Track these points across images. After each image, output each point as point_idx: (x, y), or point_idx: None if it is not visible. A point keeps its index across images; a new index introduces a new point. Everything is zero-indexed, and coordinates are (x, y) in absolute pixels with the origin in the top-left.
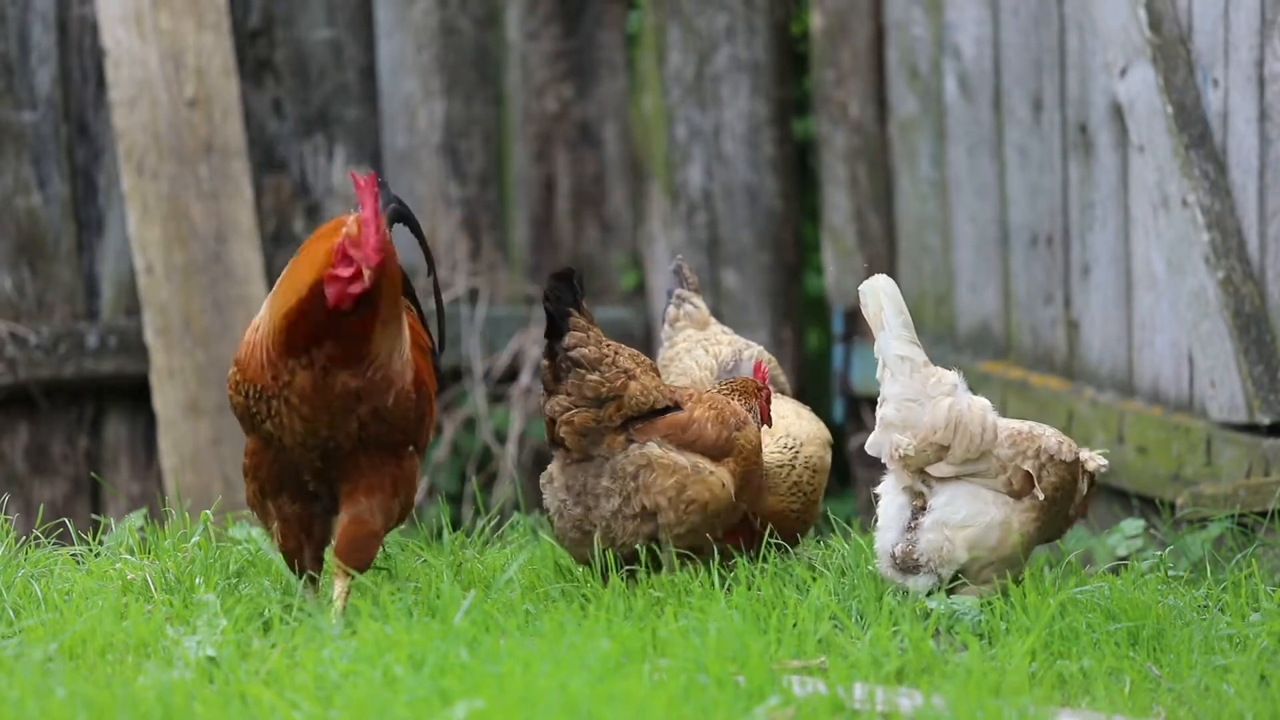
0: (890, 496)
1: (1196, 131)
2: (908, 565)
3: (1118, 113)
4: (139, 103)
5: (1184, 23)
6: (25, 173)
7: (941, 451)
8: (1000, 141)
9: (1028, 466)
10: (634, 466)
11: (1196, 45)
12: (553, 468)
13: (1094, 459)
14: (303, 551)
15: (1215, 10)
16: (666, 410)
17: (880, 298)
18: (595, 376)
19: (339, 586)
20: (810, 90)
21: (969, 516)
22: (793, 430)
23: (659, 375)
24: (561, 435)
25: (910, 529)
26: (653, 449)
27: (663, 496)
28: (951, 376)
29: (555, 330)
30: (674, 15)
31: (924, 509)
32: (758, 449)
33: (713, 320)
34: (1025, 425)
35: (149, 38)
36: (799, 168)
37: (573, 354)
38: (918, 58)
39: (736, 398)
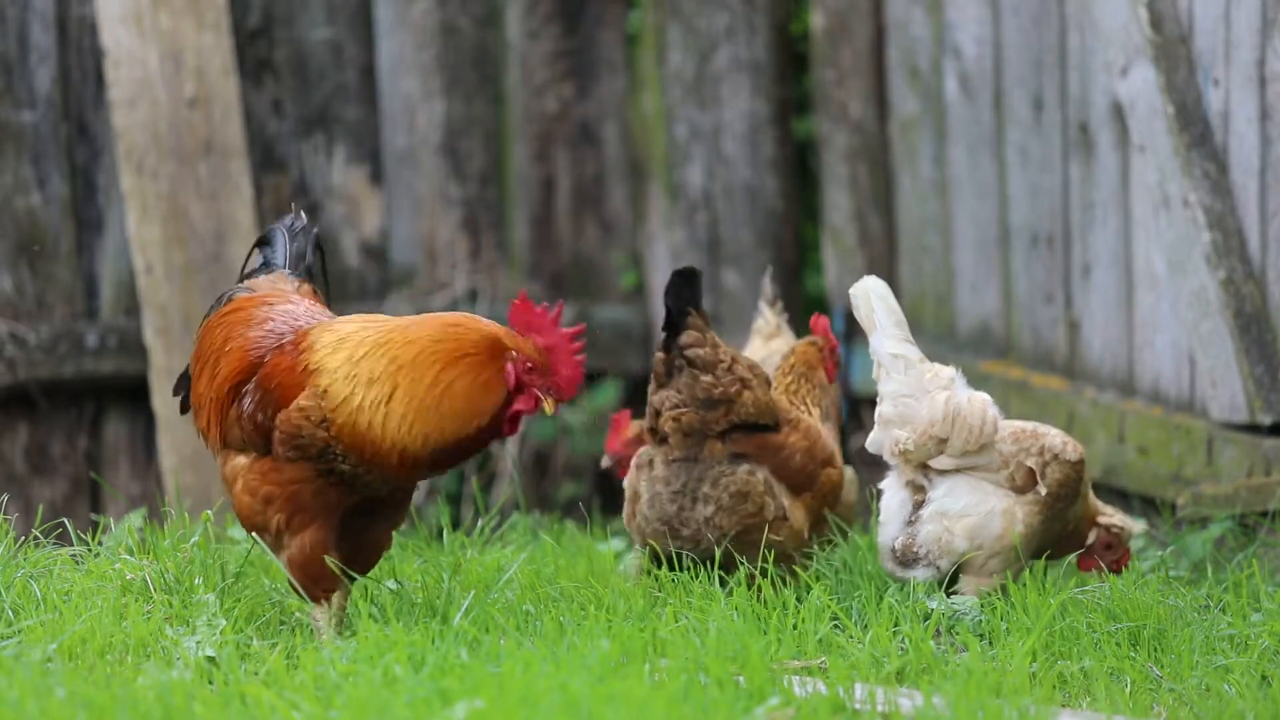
0: (892, 492)
1: (1197, 131)
2: (907, 558)
3: (1118, 112)
4: (138, 102)
5: (1185, 22)
6: (25, 172)
7: (941, 444)
8: (1001, 141)
9: (1031, 463)
10: (735, 488)
11: (1197, 45)
12: (653, 455)
13: (1127, 523)
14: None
15: (1216, 10)
16: (765, 429)
17: (871, 299)
18: (709, 379)
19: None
20: (810, 90)
21: (968, 506)
22: None
23: (770, 390)
24: (667, 429)
25: (910, 522)
26: (756, 477)
27: (750, 533)
28: (948, 371)
29: (673, 326)
30: (674, 15)
31: (925, 503)
32: (837, 488)
33: (785, 331)
34: (1029, 424)
35: (148, 37)
36: (799, 168)
37: (688, 353)
38: (918, 57)
39: (800, 364)
